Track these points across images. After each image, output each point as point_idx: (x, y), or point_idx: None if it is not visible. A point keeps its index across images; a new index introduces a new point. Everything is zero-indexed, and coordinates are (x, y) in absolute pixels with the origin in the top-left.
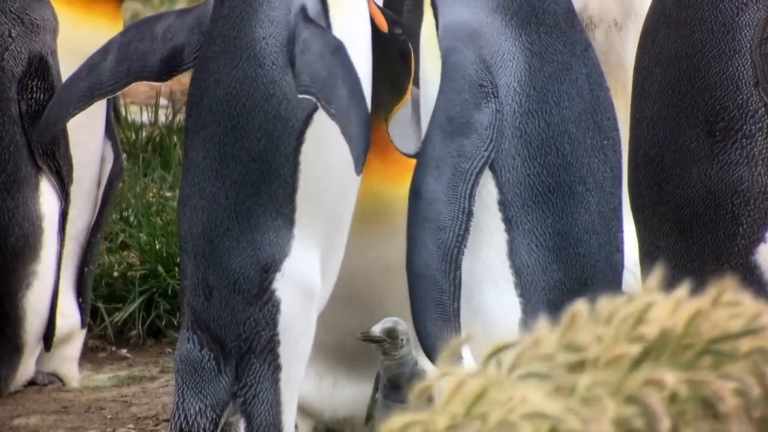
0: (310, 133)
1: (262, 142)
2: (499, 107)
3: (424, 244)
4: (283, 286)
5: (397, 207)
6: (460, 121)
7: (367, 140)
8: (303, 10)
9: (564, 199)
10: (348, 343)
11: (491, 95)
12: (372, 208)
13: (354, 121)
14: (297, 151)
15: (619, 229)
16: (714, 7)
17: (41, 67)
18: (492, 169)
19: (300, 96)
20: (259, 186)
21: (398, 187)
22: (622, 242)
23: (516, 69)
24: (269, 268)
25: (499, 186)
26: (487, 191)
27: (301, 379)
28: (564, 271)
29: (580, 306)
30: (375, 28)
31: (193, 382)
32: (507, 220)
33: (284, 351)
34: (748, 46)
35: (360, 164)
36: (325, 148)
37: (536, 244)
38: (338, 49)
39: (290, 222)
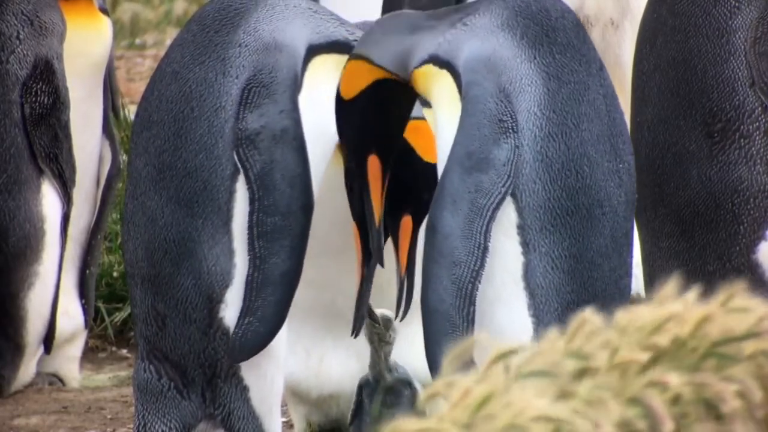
0: None
1: (199, 156)
2: (518, 142)
3: (438, 279)
4: (229, 315)
5: None
6: (478, 157)
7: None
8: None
9: (581, 222)
10: (339, 303)
11: (511, 130)
12: None
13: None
14: (234, 177)
15: (630, 254)
16: (707, 12)
17: (46, 70)
18: (513, 195)
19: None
20: (193, 207)
21: None
22: (631, 267)
23: (535, 93)
24: (213, 299)
25: (519, 211)
26: (507, 216)
27: (278, 391)
28: (577, 293)
29: (587, 315)
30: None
31: (155, 409)
32: (525, 244)
33: (248, 374)
34: (742, 47)
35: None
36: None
37: (552, 267)
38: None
39: (229, 252)
